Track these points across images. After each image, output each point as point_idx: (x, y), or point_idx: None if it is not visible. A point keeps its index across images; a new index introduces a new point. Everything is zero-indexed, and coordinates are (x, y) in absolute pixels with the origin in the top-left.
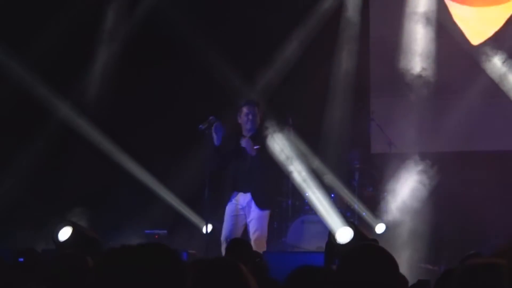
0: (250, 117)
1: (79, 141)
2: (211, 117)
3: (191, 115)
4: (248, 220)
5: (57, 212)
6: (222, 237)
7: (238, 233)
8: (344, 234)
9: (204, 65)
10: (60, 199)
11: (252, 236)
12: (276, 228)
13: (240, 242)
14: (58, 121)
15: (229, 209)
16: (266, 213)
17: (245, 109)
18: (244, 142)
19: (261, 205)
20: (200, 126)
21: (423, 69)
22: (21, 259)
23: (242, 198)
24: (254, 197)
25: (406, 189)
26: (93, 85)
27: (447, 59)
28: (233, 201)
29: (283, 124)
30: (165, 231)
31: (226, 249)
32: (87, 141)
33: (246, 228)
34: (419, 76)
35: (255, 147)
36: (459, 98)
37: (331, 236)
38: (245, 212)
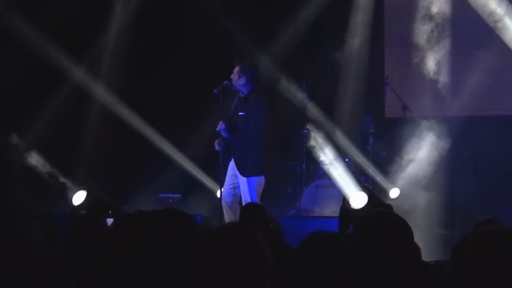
0: (232, 76)
1: (94, 107)
2: (225, 82)
3: (206, 80)
4: (237, 184)
5: (72, 177)
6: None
7: (236, 195)
8: (358, 199)
9: (220, 29)
10: (75, 165)
11: (242, 202)
12: (290, 192)
13: (254, 207)
14: (73, 86)
15: (229, 168)
16: (252, 180)
17: None
18: (219, 125)
19: (243, 173)
20: (215, 90)
21: (439, 26)
22: (36, 223)
23: (233, 162)
24: (235, 164)
25: (421, 153)
26: (107, 50)
27: (465, 17)
28: (231, 162)
29: (297, 88)
30: (179, 195)
31: (240, 214)
32: (102, 106)
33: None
34: (435, 34)
35: (240, 114)
36: (477, 60)
37: (345, 201)
38: (235, 174)
